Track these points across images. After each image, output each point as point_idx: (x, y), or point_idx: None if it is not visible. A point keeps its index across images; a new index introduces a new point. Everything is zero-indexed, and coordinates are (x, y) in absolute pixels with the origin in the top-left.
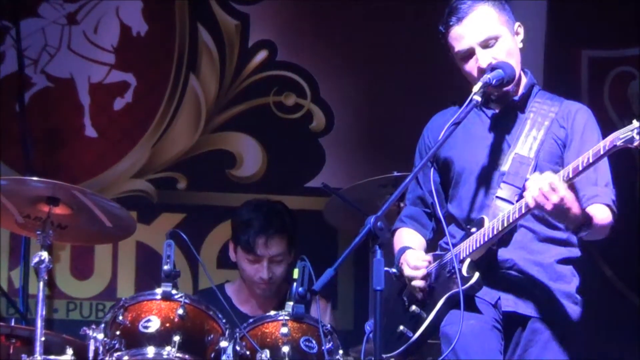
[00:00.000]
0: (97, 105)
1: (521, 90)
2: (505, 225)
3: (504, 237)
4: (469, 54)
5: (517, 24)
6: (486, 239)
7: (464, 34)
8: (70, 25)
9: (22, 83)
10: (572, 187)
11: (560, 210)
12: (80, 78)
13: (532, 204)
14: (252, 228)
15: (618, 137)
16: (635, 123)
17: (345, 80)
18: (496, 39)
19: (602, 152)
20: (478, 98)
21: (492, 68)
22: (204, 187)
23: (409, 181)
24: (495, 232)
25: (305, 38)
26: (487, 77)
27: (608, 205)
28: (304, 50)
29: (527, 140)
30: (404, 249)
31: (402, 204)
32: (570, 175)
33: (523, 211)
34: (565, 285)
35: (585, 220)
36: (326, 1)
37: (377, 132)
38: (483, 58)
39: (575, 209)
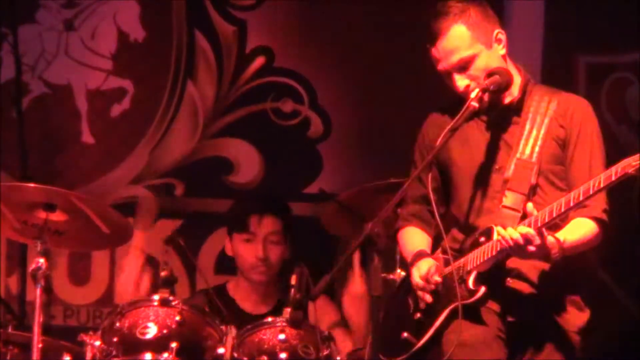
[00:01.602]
0: (94, 111)
1: (516, 90)
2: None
3: None
4: (449, 73)
5: (497, 31)
6: (494, 253)
7: (439, 57)
8: (68, 31)
9: (19, 89)
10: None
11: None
12: (78, 84)
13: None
14: (246, 208)
15: (630, 163)
16: None
17: (343, 87)
18: (471, 60)
19: (613, 178)
20: (475, 104)
21: (489, 74)
22: (201, 193)
23: (407, 185)
24: (500, 249)
25: (303, 44)
26: (484, 83)
27: (596, 219)
28: (301, 56)
29: (527, 143)
30: (420, 254)
31: (399, 210)
32: (571, 205)
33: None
34: (571, 292)
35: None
36: (324, 7)
37: (375, 139)
38: (459, 82)
39: (549, 252)
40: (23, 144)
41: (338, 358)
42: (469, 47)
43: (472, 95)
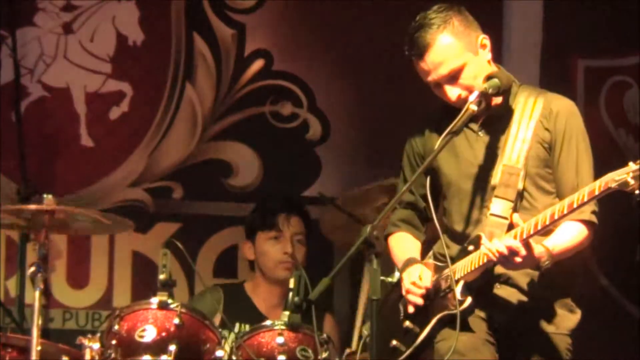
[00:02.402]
0: (93, 114)
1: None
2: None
3: None
4: (438, 85)
5: (481, 37)
6: (481, 263)
7: (427, 69)
8: (66, 34)
9: (18, 92)
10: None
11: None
12: (76, 87)
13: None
14: (273, 208)
15: (613, 178)
16: (631, 165)
17: (342, 90)
18: (460, 69)
19: (597, 193)
20: (474, 108)
21: (488, 77)
22: (200, 196)
23: (404, 191)
24: (487, 259)
25: (301, 47)
26: (483, 86)
27: (585, 221)
28: (300, 59)
29: (514, 147)
30: (410, 261)
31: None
32: (555, 218)
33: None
34: (561, 294)
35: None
36: (323, 10)
37: (374, 141)
38: (451, 92)
39: (537, 260)
40: (22, 147)
41: None
42: (458, 57)
43: (471, 98)
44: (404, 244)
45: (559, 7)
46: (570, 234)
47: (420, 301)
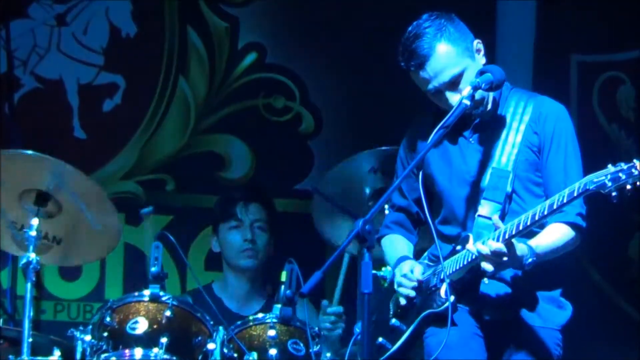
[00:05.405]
0: (86, 106)
1: (491, 99)
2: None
3: None
4: (439, 92)
5: (476, 41)
6: (465, 262)
7: (428, 79)
8: (60, 26)
9: (11, 84)
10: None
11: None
12: (70, 79)
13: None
14: (231, 198)
15: (592, 180)
16: (610, 167)
17: (335, 83)
18: (460, 75)
19: (575, 195)
20: (467, 102)
21: (481, 72)
22: (192, 189)
23: (395, 187)
24: (473, 258)
25: (294, 41)
26: (476, 80)
27: (572, 223)
28: (293, 53)
29: (504, 151)
30: (403, 258)
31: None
32: (536, 218)
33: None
34: (548, 290)
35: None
36: (316, 4)
37: (366, 135)
38: (452, 99)
39: (521, 259)
40: (15, 138)
41: (328, 354)
42: (457, 63)
43: (464, 92)
44: (396, 245)
45: (553, 3)
46: (554, 235)
47: (412, 293)
